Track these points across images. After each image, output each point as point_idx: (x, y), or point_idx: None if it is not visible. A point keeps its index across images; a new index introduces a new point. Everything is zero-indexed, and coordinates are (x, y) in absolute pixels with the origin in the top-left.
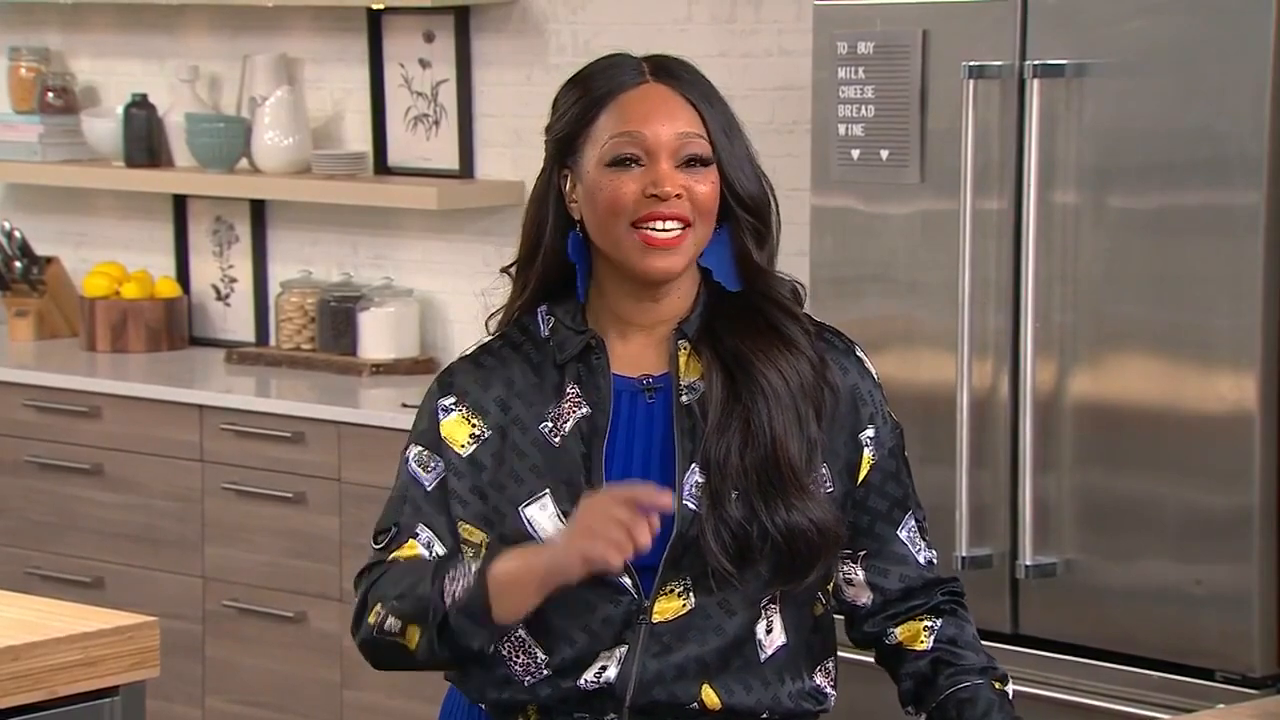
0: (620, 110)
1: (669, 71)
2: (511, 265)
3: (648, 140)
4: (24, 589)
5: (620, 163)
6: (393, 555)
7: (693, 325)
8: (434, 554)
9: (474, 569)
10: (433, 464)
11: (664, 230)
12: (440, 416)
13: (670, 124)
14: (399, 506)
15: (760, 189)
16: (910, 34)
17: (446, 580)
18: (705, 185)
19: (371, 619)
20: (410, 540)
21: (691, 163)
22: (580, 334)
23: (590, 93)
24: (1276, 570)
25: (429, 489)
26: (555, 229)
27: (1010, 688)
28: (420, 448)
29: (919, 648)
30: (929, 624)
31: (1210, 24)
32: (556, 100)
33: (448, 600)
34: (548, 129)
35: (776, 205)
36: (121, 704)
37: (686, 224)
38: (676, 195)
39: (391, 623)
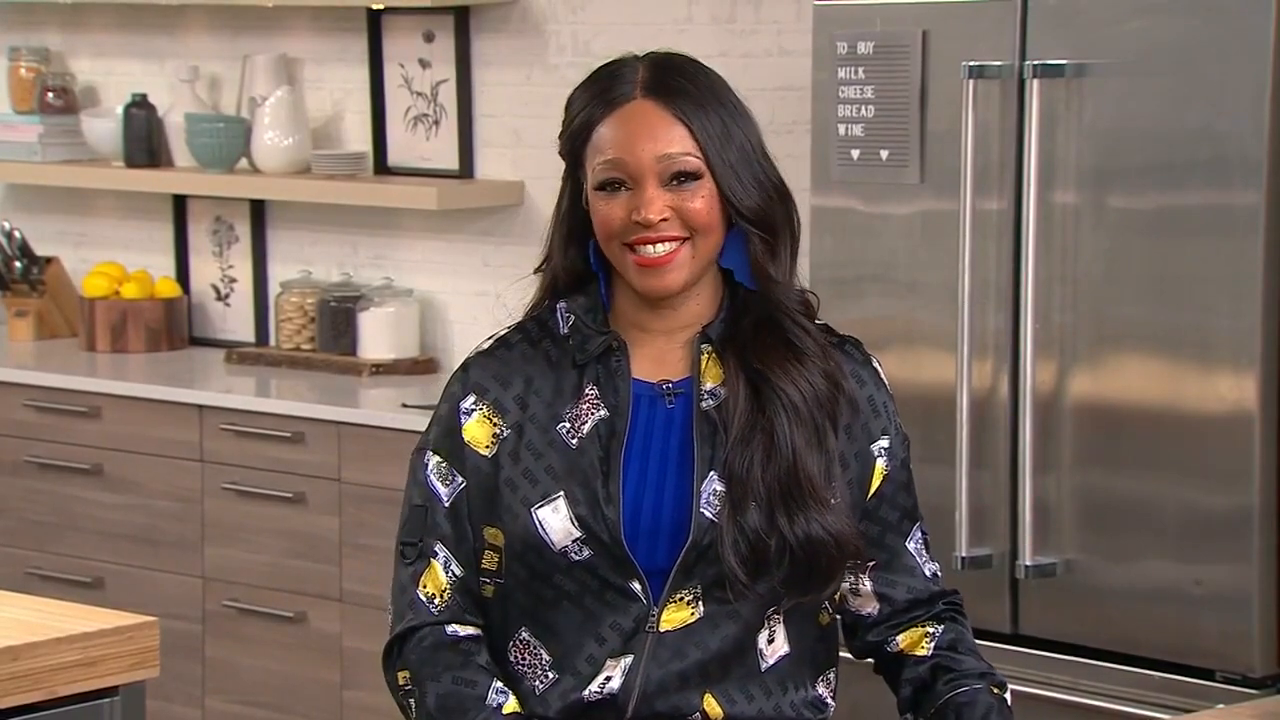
0: (608, 131)
1: (661, 83)
2: (539, 266)
3: (629, 165)
4: (24, 589)
5: (607, 187)
6: (424, 585)
7: (716, 329)
8: (451, 574)
9: None
10: (451, 476)
11: (655, 251)
12: (461, 420)
13: (653, 145)
14: (421, 518)
15: (762, 198)
16: (910, 34)
17: None
18: (697, 201)
19: (401, 680)
20: (431, 563)
21: (681, 179)
22: (603, 335)
23: (586, 107)
24: (1276, 570)
25: (446, 504)
26: (564, 236)
27: (1009, 694)
28: (439, 458)
29: (919, 654)
30: (930, 630)
31: (1210, 24)
32: (567, 106)
33: None
34: (559, 136)
35: (791, 209)
36: (121, 704)
37: (683, 239)
38: (663, 219)
39: (416, 714)
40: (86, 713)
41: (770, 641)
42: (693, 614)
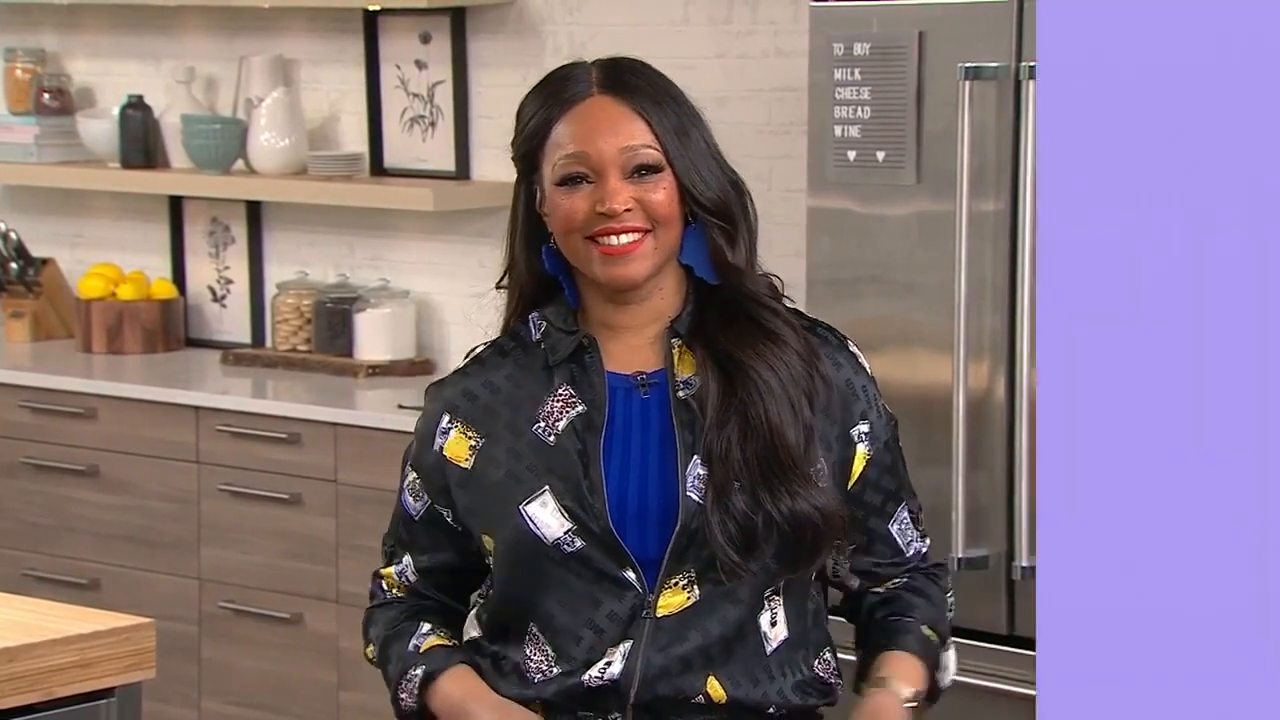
0: (568, 127)
1: (616, 80)
2: (502, 278)
3: (592, 159)
4: (20, 591)
5: (570, 181)
6: (384, 576)
7: (684, 323)
8: (405, 579)
9: (421, 675)
10: (421, 493)
11: (618, 241)
12: (439, 440)
13: (614, 138)
14: (396, 525)
15: (720, 190)
16: (906, 35)
17: (402, 683)
18: (658, 193)
19: (369, 653)
20: (392, 567)
21: (642, 172)
22: (572, 334)
23: (542, 109)
24: None
25: (416, 518)
26: (524, 242)
27: (951, 654)
28: (415, 475)
29: (878, 589)
30: (900, 580)
31: None
32: (518, 114)
33: (402, 701)
34: (512, 143)
35: (747, 202)
36: (118, 705)
37: (645, 231)
38: (626, 210)
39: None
40: (83, 714)
41: (773, 624)
42: (689, 598)
